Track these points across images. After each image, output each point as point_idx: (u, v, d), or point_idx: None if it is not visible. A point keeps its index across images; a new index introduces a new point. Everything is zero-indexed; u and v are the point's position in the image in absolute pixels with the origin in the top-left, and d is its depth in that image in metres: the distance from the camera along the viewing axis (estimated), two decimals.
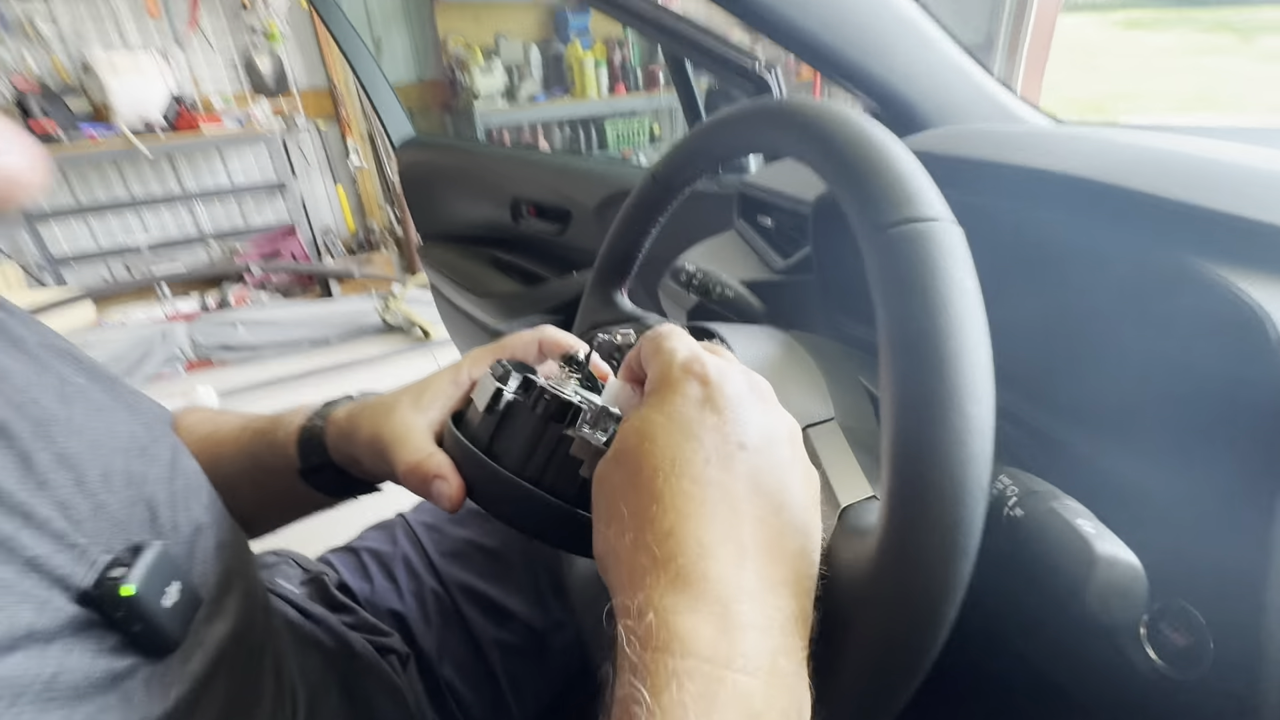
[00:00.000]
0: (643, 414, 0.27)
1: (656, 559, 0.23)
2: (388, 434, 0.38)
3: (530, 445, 0.34)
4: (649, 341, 0.31)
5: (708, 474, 0.25)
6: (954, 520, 0.23)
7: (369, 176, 3.58)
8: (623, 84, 3.63)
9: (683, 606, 0.22)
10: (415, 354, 2.87)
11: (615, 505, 0.26)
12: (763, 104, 0.35)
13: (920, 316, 0.24)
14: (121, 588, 0.28)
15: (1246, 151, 0.36)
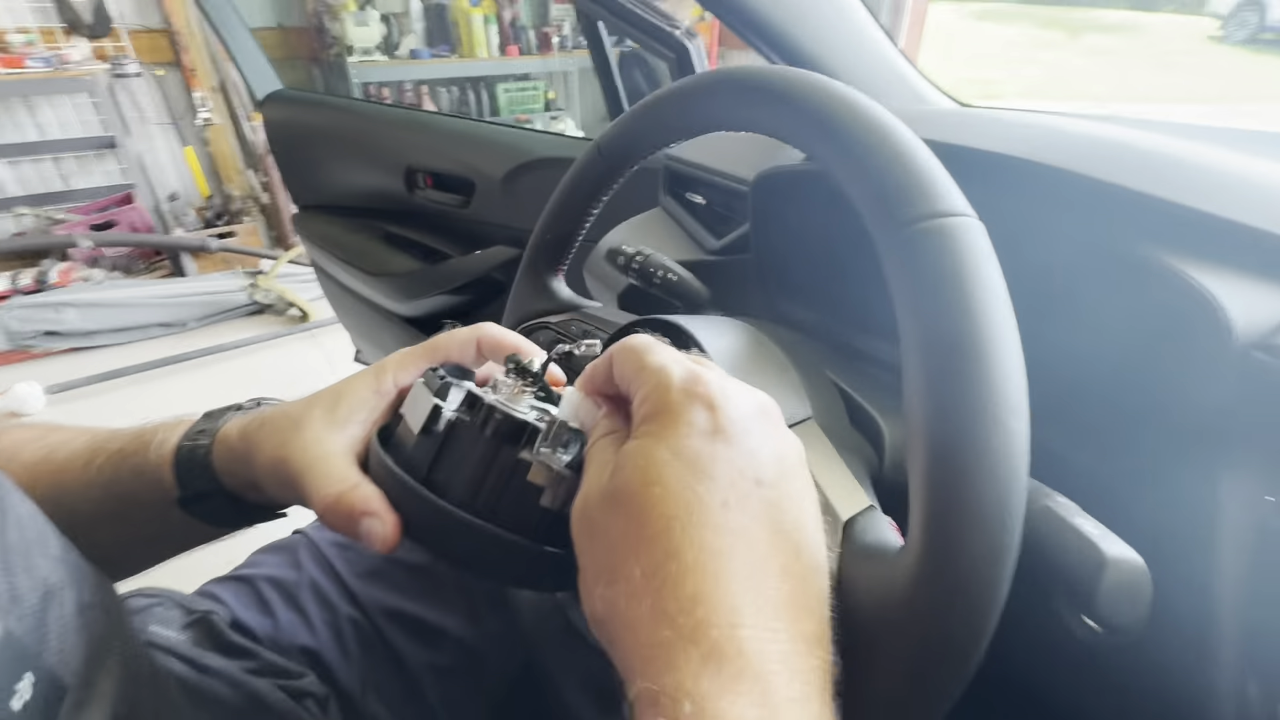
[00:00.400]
0: (643, 449, 0.23)
1: (683, 632, 0.20)
2: (298, 459, 0.31)
3: (479, 473, 0.28)
4: (627, 355, 0.27)
5: (728, 521, 0.22)
6: (998, 547, 0.21)
7: (223, 135, 3.16)
8: (515, 45, 3.43)
9: (720, 690, 0.19)
10: (294, 338, 2.59)
11: (620, 562, 0.22)
12: (744, 75, 0.31)
13: (954, 321, 0.22)
14: None
15: (1184, 145, 0.38)
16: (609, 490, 0.24)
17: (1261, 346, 0.32)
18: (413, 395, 0.32)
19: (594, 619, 0.23)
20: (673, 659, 0.20)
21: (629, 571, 0.22)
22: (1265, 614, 0.31)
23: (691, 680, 0.19)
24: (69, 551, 0.32)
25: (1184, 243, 0.34)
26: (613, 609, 0.22)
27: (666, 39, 0.85)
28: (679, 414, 0.24)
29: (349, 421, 0.33)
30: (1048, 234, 0.39)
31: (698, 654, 0.20)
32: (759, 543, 0.22)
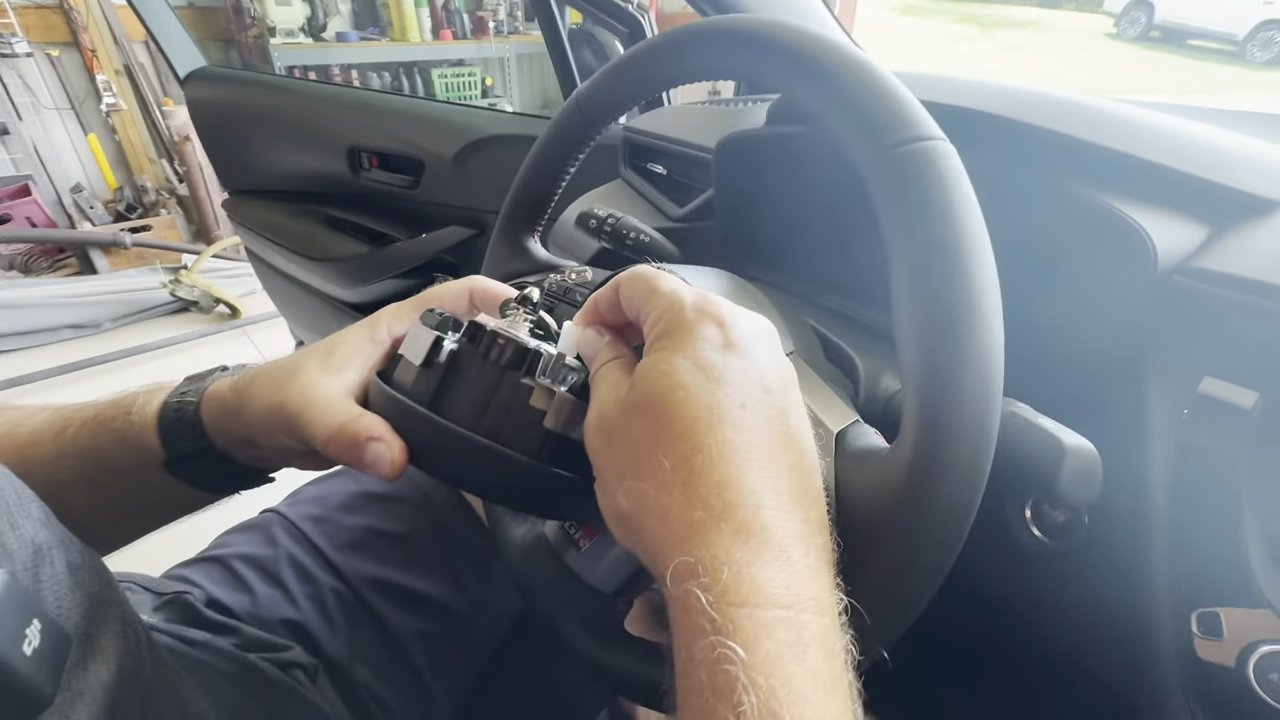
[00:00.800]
0: (663, 360, 0.25)
1: (714, 511, 0.22)
2: (295, 400, 0.31)
3: (484, 397, 0.29)
4: (636, 281, 0.28)
5: (745, 419, 0.24)
6: (984, 427, 0.24)
7: (131, 121, 2.94)
8: (449, 29, 3.34)
9: (752, 558, 0.22)
10: (224, 336, 2.46)
11: (647, 459, 0.24)
12: (725, 25, 0.33)
13: (940, 232, 0.25)
14: None
15: (1111, 103, 0.42)
16: (630, 400, 0.25)
17: (1180, 271, 0.36)
18: (411, 334, 0.32)
19: (618, 515, 0.25)
20: (706, 535, 0.22)
21: (657, 466, 0.23)
22: (1188, 522, 0.36)
23: (724, 551, 0.22)
24: (50, 515, 0.31)
25: (1113, 182, 0.38)
26: (641, 500, 0.24)
27: (619, 13, 0.86)
28: (693, 329, 0.26)
29: (344, 368, 0.33)
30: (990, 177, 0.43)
31: (729, 529, 0.22)
32: (771, 441, 0.24)
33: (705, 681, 0.20)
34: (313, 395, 0.31)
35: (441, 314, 0.32)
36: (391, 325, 0.35)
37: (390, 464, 0.29)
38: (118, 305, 2.44)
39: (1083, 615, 0.44)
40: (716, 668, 0.20)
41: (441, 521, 0.59)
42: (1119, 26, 9.68)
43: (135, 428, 0.34)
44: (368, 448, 0.29)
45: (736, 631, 0.20)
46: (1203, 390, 0.36)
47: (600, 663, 0.38)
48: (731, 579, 0.21)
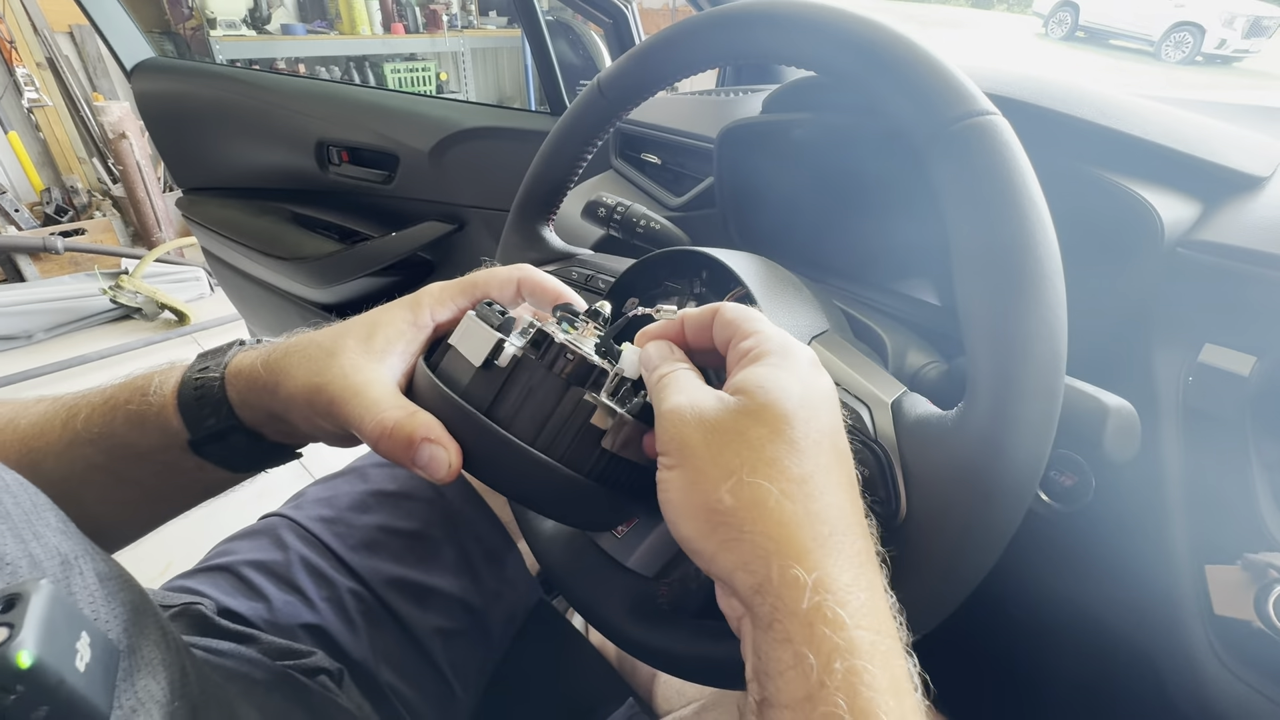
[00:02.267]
0: (781, 376, 0.26)
1: (839, 530, 0.23)
2: (338, 385, 0.29)
3: (545, 410, 0.29)
4: (737, 310, 0.29)
5: (838, 444, 0.26)
6: (1053, 389, 0.25)
7: (57, 118, 2.75)
8: (400, 23, 3.25)
9: (868, 585, 0.23)
10: (172, 344, 2.33)
11: (772, 464, 0.24)
12: (759, 6, 0.33)
13: (1007, 200, 0.26)
14: (18, 655, 0.19)
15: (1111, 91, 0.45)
16: (745, 406, 0.25)
17: (1184, 244, 0.39)
18: (467, 327, 0.31)
19: (714, 509, 0.24)
20: (834, 552, 0.23)
21: (782, 471, 0.24)
22: (1197, 481, 0.38)
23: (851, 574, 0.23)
24: (69, 523, 0.29)
25: (1121, 162, 0.41)
26: (757, 499, 0.23)
27: (602, 4, 0.85)
28: (802, 357, 0.27)
29: (387, 352, 0.31)
30: None
31: (851, 551, 0.23)
32: (848, 467, 0.26)
33: (846, 707, 0.20)
34: (357, 382, 0.30)
35: (502, 311, 0.31)
36: (435, 309, 0.34)
37: (447, 468, 0.28)
38: (51, 314, 2.28)
39: (1093, 577, 0.47)
40: (856, 693, 0.20)
41: (454, 517, 0.57)
42: (1047, 27, 10.19)
43: (154, 409, 0.32)
44: (422, 449, 0.28)
45: (872, 656, 0.21)
46: (1203, 358, 0.38)
47: (647, 644, 0.38)
48: (867, 601, 0.22)
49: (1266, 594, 0.33)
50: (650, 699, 0.62)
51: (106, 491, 0.33)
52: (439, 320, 0.34)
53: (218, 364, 0.33)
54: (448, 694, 0.53)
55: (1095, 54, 9.18)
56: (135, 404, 0.33)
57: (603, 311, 0.32)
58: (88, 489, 0.33)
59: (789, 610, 0.22)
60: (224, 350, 0.34)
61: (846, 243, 0.60)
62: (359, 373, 0.30)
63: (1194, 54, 8.39)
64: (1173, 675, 0.38)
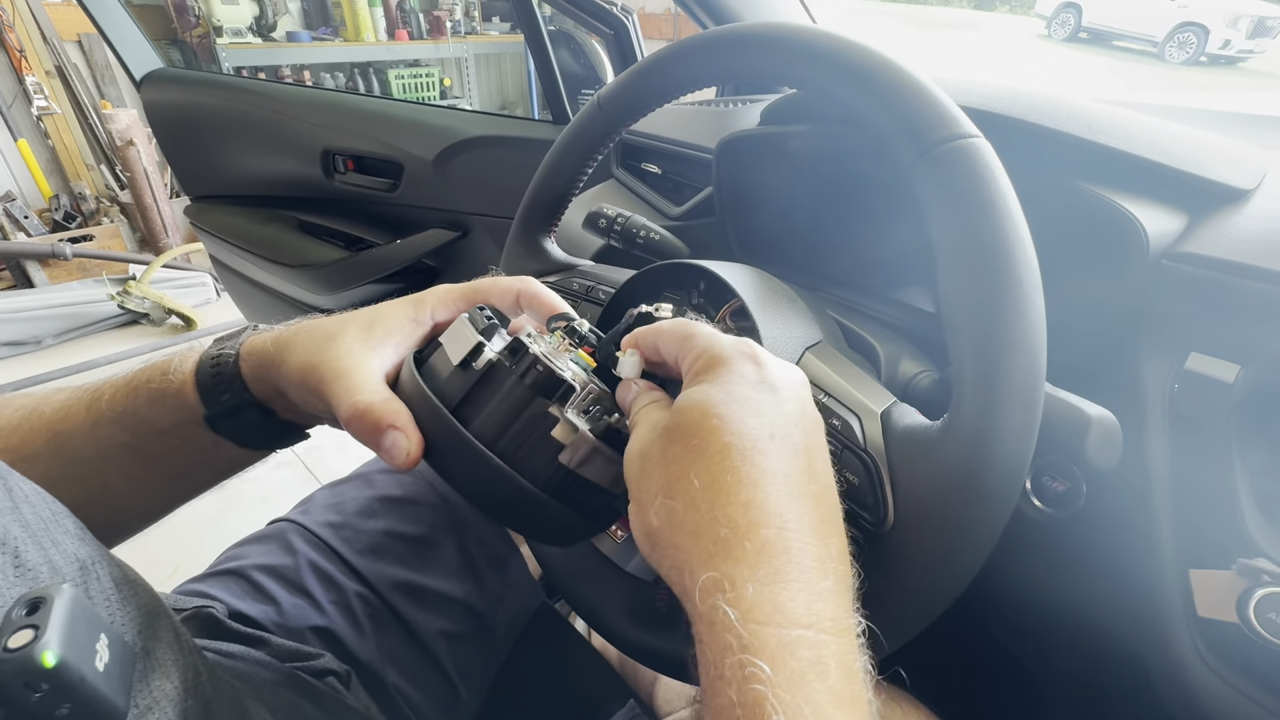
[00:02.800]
0: (700, 392, 0.27)
1: (739, 529, 0.23)
2: (329, 366, 0.31)
3: (509, 417, 0.29)
4: (675, 328, 0.30)
5: (773, 448, 0.25)
6: (1033, 399, 0.26)
7: (66, 126, 2.78)
8: (404, 29, 3.27)
9: (775, 577, 0.23)
10: (178, 350, 2.35)
11: (680, 478, 0.25)
12: (757, 30, 0.35)
13: (986, 220, 0.27)
14: (43, 655, 0.20)
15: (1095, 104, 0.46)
16: (667, 427, 0.26)
17: (1168, 255, 0.40)
18: (455, 328, 0.32)
19: (648, 531, 0.26)
20: (732, 551, 0.23)
21: (688, 485, 0.25)
22: (1183, 486, 0.39)
23: (749, 569, 0.23)
24: (85, 530, 0.30)
25: (1106, 176, 0.42)
26: (672, 516, 0.25)
27: (604, 15, 0.87)
28: (731, 365, 0.27)
29: (383, 343, 0.33)
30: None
31: (753, 547, 0.23)
32: (796, 472, 0.26)
33: (735, 700, 0.21)
34: (346, 366, 0.31)
35: (490, 317, 0.32)
36: (436, 309, 0.35)
37: (405, 456, 0.29)
38: (60, 320, 2.31)
39: (1086, 580, 0.48)
40: (745, 686, 0.20)
41: (458, 522, 0.59)
42: (1050, 28, 10.17)
43: (174, 386, 0.34)
44: (386, 434, 0.29)
45: (763, 649, 0.21)
46: (1189, 366, 0.39)
47: (646, 646, 0.40)
48: (756, 596, 0.22)
49: (1249, 597, 0.34)
50: (651, 701, 0.63)
51: (129, 469, 0.35)
52: (438, 320, 0.35)
53: (233, 345, 0.35)
54: (452, 696, 0.54)
55: (1098, 55, 9.17)
56: (156, 382, 0.34)
57: (579, 330, 0.33)
58: (112, 466, 0.34)
59: (694, 613, 0.23)
60: (239, 333, 0.36)
61: (844, 251, 0.61)
62: (351, 357, 0.32)
63: (1198, 55, 8.37)
64: (1160, 676, 0.39)
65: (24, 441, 0.33)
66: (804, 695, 0.20)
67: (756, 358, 0.28)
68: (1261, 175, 0.44)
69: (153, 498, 0.37)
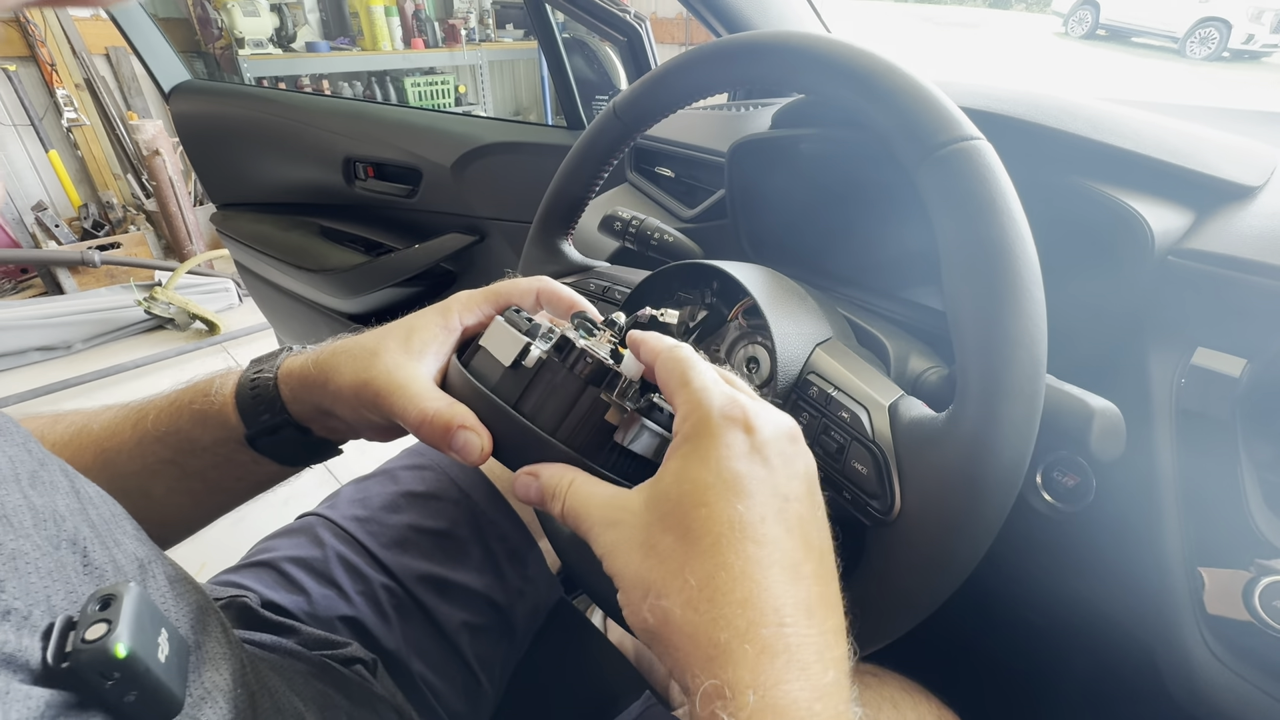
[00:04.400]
0: (687, 472, 0.26)
1: (739, 632, 0.23)
2: (382, 381, 0.33)
3: (565, 406, 0.31)
4: (672, 367, 0.29)
5: (766, 533, 0.25)
6: (1035, 390, 0.27)
7: (94, 136, 2.86)
8: (420, 38, 3.33)
9: (775, 680, 0.22)
10: (203, 353, 2.41)
11: (672, 576, 0.24)
12: (767, 38, 0.36)
13: (988, 221, 0.28)
14: (115, 646, 0.22)
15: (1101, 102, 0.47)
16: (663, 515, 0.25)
17: (1174, 252, 0.41)
18: (495, 331, 0.34)
19: (645, 630, 0.25)
20: (731, 656, 0.22)
21: (683, 584, 0.24)
22: (1191, 480, 0.40)
23: (750, 674, 0.22)
24: (141, 531, 0.32)
25: (1112, 175, 0.42)
26: (668, 618, 0.24)
27: (618, 22, 0.88)
28: (719, 436, 0.26)
29: (423, 353, 0.35)
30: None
31: (753, 651, 0.22)
32: (792, 551, 0.25)
33: None
34: (400, 378, 0.33)
35: (528, 317, 0.34)
36: (463, 315, 0.37)
37: (479, 452, 0.31)
38: (89, 325, 2.38)
39: (1096, 574, 0.48)
40: None
41: (479, 518, 0.60)
42: (1067, 26, 10.06)
43: (216, 407, 0.36)
44: (458, 435, 0.31)
45: None
46: (1196, 361, 0.40)
47: None
48: (757, 704, 0.22)
49: (1254, 586, 0.35)
50: (666, 693, 0.64)
51: (172, 483, 0.37)
52: (466, 325, 0.37)
53: (271, 366, 0.37)
54: (474, 685, 0.56)
55: (1117, 52, 9.05)
56: (199, 403, 0.37)
57: (618, 321, 0.35)
58: (156, 481, 0.36)
59: (695, 716, 0.23)
60: (275, 355, 0.38)
61: (854, 251, 0.62)
62: (401, 370, 0.34)
63: (1220, 50, 8.23)
64: (1169, 668, 0.40)
65: (74, 456, 0.36)
66: None
67: (747, 422, 0.26)
68: (1270, 172, 0.44)
69: (193, 510, 0.40)
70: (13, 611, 0.21)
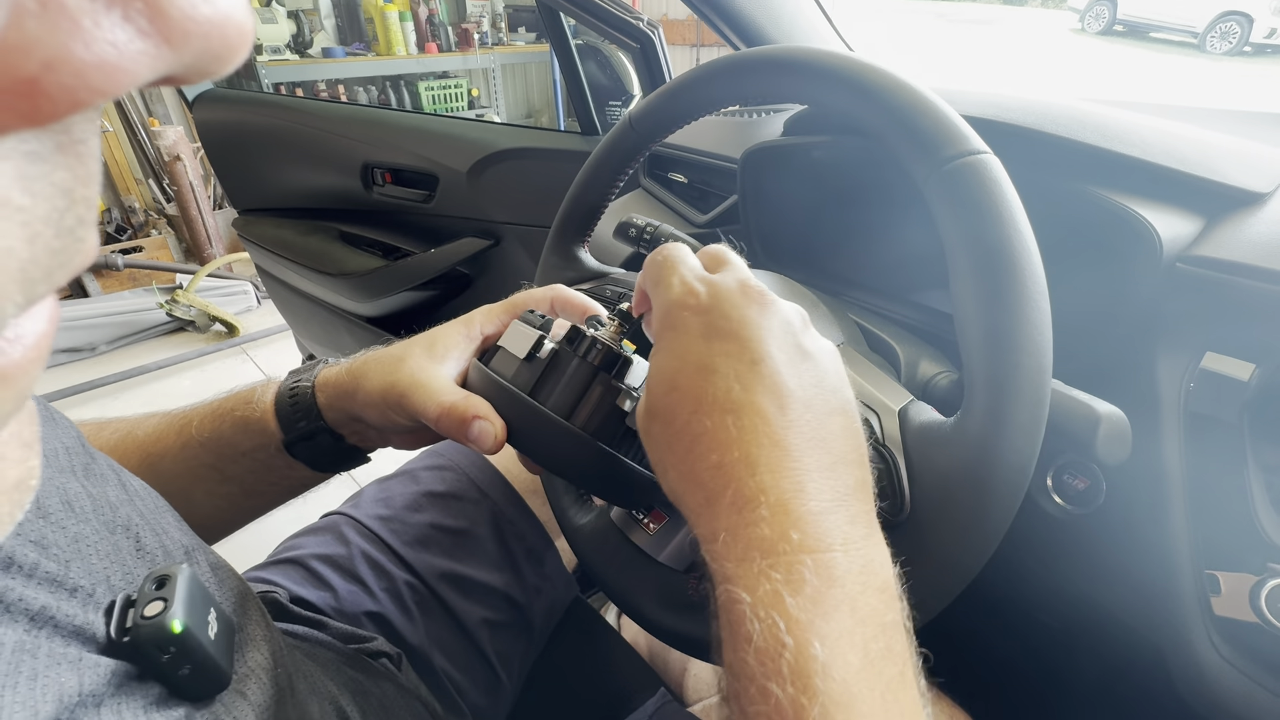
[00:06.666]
0: (657, 364, 0.29)
1: (713, 491, 0.26)
2: (406, 381, 0.36)
3: (578, 393, 0.33)
4: (650, 268, 0.31)
5: (733, 399, 0.26)
6: (1040, 396, 0.28)
7: (117, 143, 2.92)
8: (434, 42, 3.36)
9: (747, 521, 0.25)
10: (223, 355, 2.45)
11: (666, 454, 0.28)
12: (779, 53, 0.37)
13: (994, 232, 0.29)
14: (172, 622, 0.24)
15: (1109, 110, 0.47)
16: (647, 404, 0.29)
17: (1183, 259, 0.41)
18: (513, 331, 0.36)
19: (671, 499, 0.28)
20: (711, 509, 0.26)
21: (674, 459, 0.27)
22: (1199, 484, 0.40)
23: (724, 519, 0.25)
24: (182, 521, 0.34)
25: (1120, 182, 0.43)
26: (673, 488, 0.28)
27: (630, 29, 0.90)
28: (677, 325, 0.28)
29: (446, 358, 0.37)
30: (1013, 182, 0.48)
31: (724, 502, 0.26)
32: (765, 407, 0.26)
33: (727, 621, 0.24)
34: (421, 378, 0.36)
35: (542, 315, 0.36)
36: (484, 324, 0.40)
37: (493, 439, 0.33)
38: (113, 328, 2.43)
39: (1106, 575, 0.49)
40: (731, 609, 0.24)
41: (498, 517, 0.62)
42: (1083, 21, 9.93)
43: (257, 414, 0.39)
44: (473, 424, 0.33)
45: (739, 579, 0.24)
46: (1205, 366, 0.41)
47: (676, 631, 0.42)
48: (728, 539, 0.25)
49: (1260, 589, 0.35)
50: (680, 690, 0.65)
51: (213, 487, 0.39)
52: (487, 333, 0.40)
53: (309, 376, 0.40)
54: (494, 680, 0.57)
55: (1135, 48, 8.92)
56: (241, 410, 0.39)
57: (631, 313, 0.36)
58: (197, 484, 0.39)
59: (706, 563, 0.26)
60: (312, 366, 0.41)
61: (865, 256, 0.63)
62: (423, 371, 0.36)
63: (1241, 44, 8.09)
64: (1178, 668, 0.40)
65: (119, 460, 0.38)
66: (778, 609, 0.23)
67: (701, 305, 0.28)
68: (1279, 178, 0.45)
69: (230, 512, 0.42)
70: (79, 589, 0.23)
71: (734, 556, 0.25)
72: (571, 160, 1.04)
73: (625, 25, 0.89)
